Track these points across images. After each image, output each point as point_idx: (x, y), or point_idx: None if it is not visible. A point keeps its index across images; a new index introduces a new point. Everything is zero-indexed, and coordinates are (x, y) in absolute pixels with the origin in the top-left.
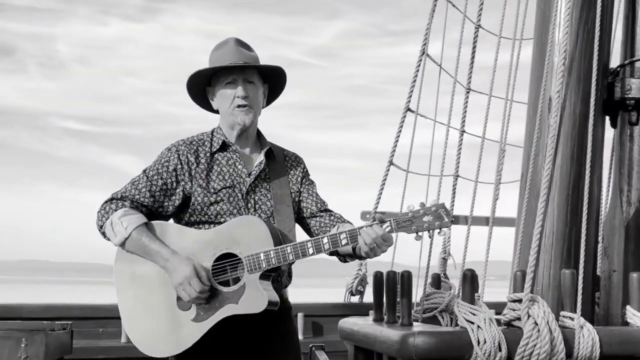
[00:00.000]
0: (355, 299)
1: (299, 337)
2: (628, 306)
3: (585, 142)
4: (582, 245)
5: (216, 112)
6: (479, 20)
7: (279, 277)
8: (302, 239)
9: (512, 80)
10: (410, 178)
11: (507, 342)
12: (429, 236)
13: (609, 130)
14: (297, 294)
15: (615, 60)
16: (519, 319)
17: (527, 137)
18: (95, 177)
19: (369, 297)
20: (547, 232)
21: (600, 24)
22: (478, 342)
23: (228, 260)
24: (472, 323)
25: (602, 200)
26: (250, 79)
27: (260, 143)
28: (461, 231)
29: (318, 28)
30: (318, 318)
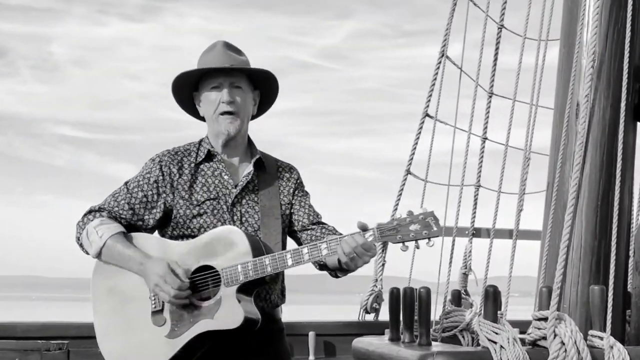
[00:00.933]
0: (370, 317)
1: (311, 358)
2: None
3: (616, 149)
4: (612, 260)
5: (203, 119)
6: (502, 20)
7: (267, 294)
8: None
9: (537, 83)
10: (428, 188)
11: None
12: (416, 246)
13: None
14: (308, 311)
15: None
16: (544, 338)
17: (554, 145)
18: (93, 186)
19: (384, 315)
20: (575, 246)
21: (632, 23)
22: None
23: (207, 273)
24: (495, 343)
25: (634, 211)
26: (237, 83)
27: (251, 152)
28: (483, 245)
29: (327, 28)
30: (330, 337)
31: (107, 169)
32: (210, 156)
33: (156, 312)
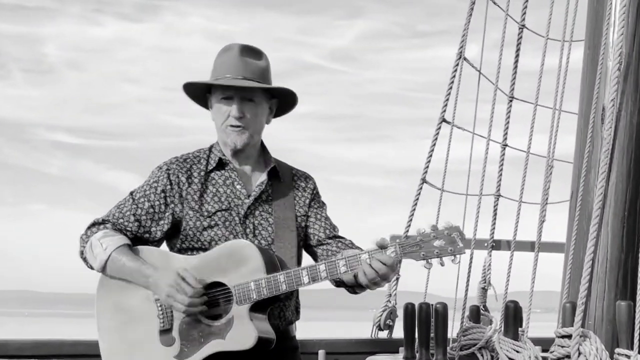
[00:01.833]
0: (383, 334)
1: None
2: None
3: None
4: None
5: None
6: (523, 20)
7: (281, 311)
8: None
9: (560, 87)
10: (445, 198)
11: None
12: (440, 264)
13: None
14: (318, 328)
15: None
16: (568, 356)
17: (578, 152)
18: (89, 196)
19: (398, 332)
20: (600, 259)
21: None
22: None
23: (217, 290)
24: None
25: None
26: (249, 96)
27: (265, 161)
28: (503, 258)
29: (337, 28)
30: (342, 356)
31: (103, 177)
32: (221, 164)
33: (164, 331)
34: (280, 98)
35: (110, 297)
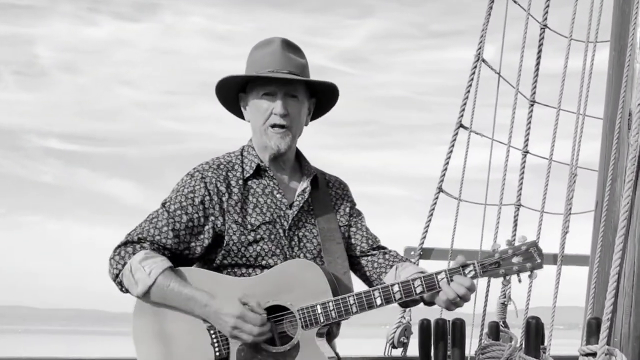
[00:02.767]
0: (397, 352)
1: None
2: None
3: None
4: None
5: (249, 121)
6: (545, 20)
7: (329, 328)
8: (365, 288)
9: (584, 90)
10: (463, 207)
11: None
12: (518, 280)
13: None
14: None
15: None
16: None
17: (603, 159)
18: (86, 206)
19: (413, 350)
20: (627, 273)
21: None
22: None
23: (279, 314)
24: None
25: None
26: (293, 92)
27: (301, 167)
28: None
29: (347, 28)
30: None
31: (101, 185)
32: (259, 171)
33: None
34: (319, 99)
35: (151, 323)
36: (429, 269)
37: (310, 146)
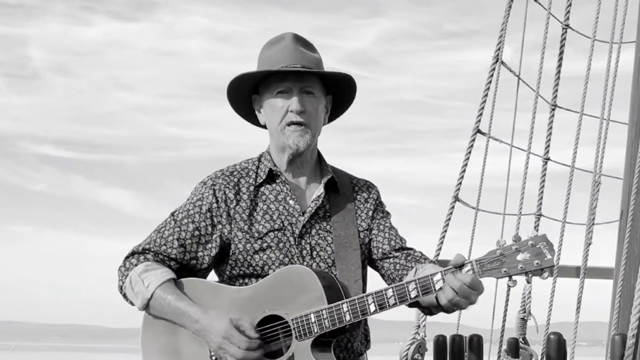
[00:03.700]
0: None
1: None
2: None
3: None
4: None
5: (264, 126)
6: (567, 19)
7: (348, 342)
8: (364, 293)
9: (608, 94)
10: (480, 217)
11: None
12: (527, 281)
13: None
14: None
15: None
16: None
17: (628, 167)
18: (82, 216)
19: None
20: None
21: None
22: None
23: (275, 324)
24: None
25: None
26: (309, 88)
27: (321, 170)
28: (545, 285)
29: (356, 28)
30: None
31: (98, 194)
32: (272, 176)
33: None
34: (335, 96)
35: (158, 336)
36: None
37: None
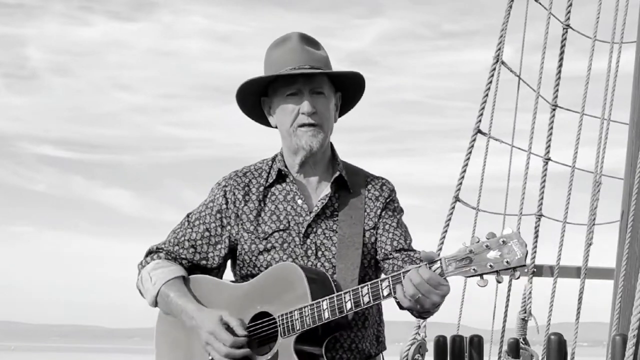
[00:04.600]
0: None
1: None
2: None
3: None
4: None
5: (276, 127)
6: (568, 19)
7: (352, 343)
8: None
9: (609, 94)
10: (481, 218)
11: None
12: (498, 280)
13: None
14: None
15: None
16: None
17: (629, 167)
18: (82, 216)
19: None
20: None
21: None
22: None
23: (265, 321)
24: None
25: None
26: (319, 89)
27: (333, 169)
28: (546, 285)
29: (355, 28)
30: None
31: (98, 194)
32: (282, 176)
33: None
34: (344, 93)
35: (169, 332)
36: None
37: None
